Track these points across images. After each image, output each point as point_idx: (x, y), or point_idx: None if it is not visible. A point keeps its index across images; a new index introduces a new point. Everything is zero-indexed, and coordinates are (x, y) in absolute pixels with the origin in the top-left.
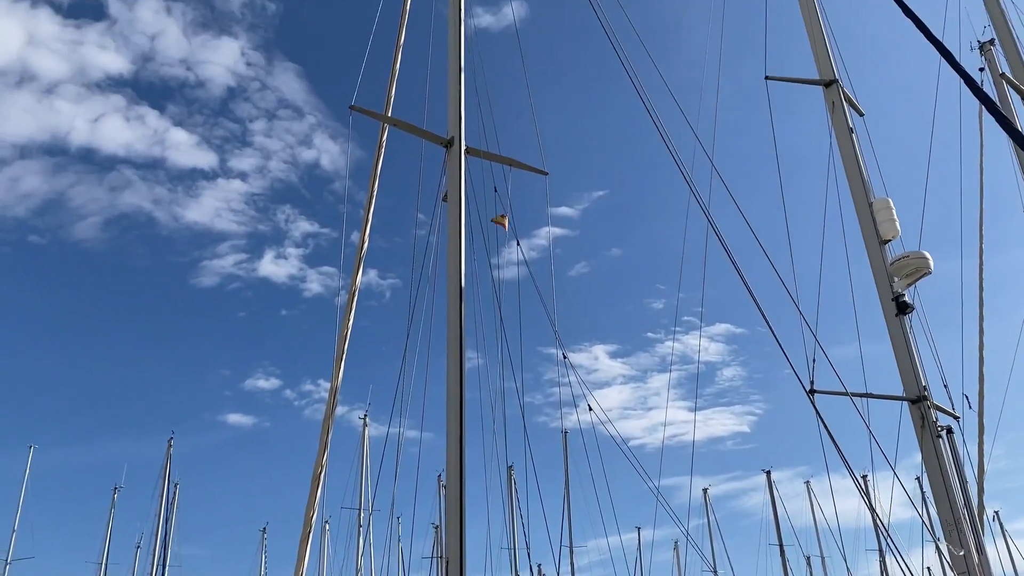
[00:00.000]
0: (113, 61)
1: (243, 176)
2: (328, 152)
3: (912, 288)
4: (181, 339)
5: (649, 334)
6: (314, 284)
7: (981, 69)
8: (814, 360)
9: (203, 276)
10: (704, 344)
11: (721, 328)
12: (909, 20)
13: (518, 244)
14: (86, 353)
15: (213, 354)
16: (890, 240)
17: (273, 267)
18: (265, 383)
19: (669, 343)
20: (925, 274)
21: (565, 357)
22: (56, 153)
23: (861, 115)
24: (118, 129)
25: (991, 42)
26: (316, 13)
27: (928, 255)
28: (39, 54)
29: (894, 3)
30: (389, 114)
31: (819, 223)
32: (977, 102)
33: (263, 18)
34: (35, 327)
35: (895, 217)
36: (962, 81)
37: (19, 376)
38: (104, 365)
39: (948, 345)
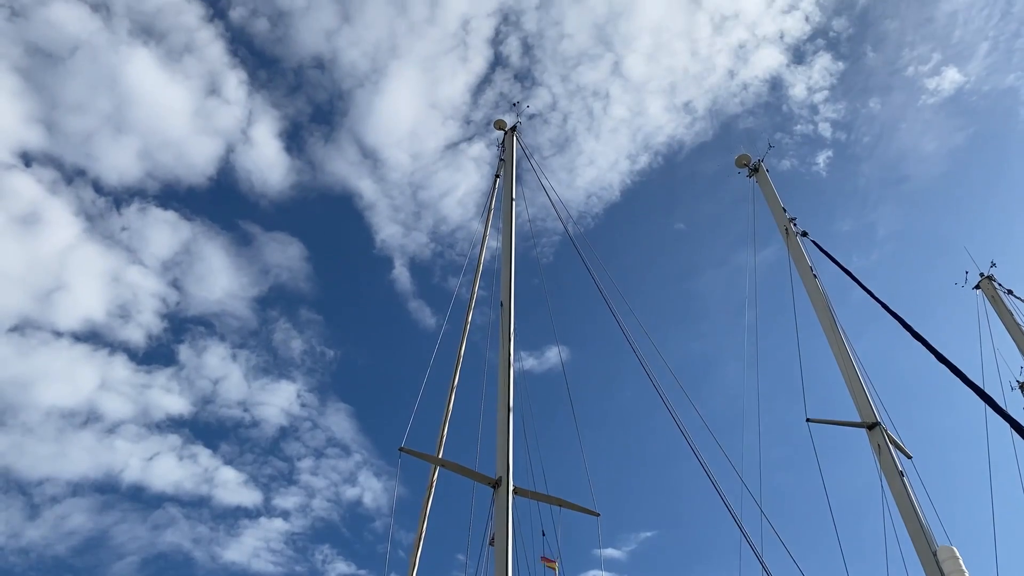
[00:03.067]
0: (175, 403)
1: (285, 515)
2: (371, 490)
3: None
4: None
5: None
6: None
7: None
8: None
9: None
10: None
11: None
12: (950, 371)
13: None
14: None
15: None
16: None
17: None
18: None
19: None
20: None
21: None
22: (107, 491)
23: (909, 457)
24: (170, 467)
25: None
26: (371, 359)
27: None
28: (108, 396)
29: (929, 351)
30: (440, 455)
31: (880, 570)
32: None
33: (321, 363)
34: None
35: (963, 568)
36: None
37: None
38: None
39: None
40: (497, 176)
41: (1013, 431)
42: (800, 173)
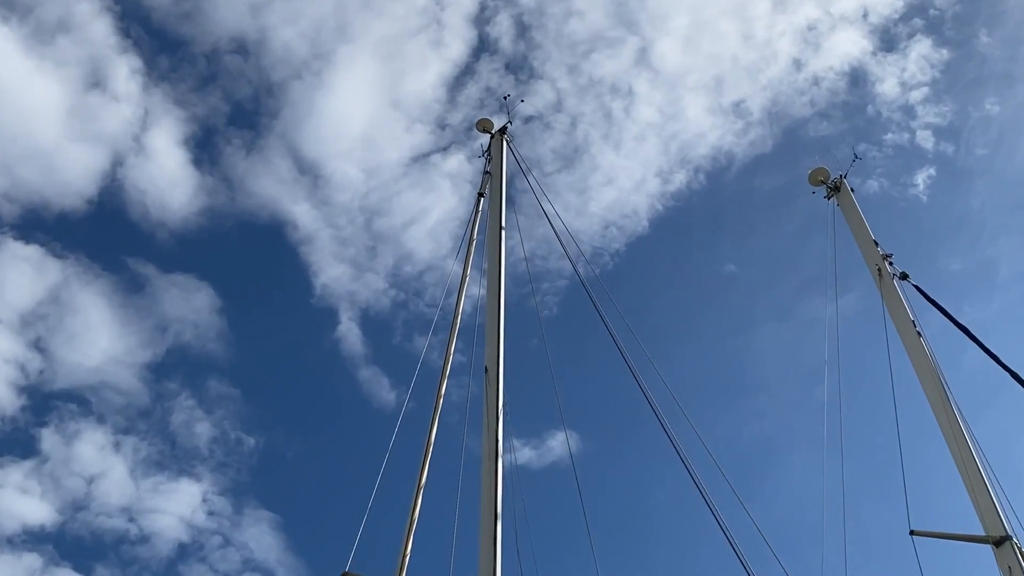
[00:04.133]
0: (35, 509)
1: None
2: None
3: None
4: None
5: None
6: None
7: None
8: None
9: None
10: None
11: None
12: None
13: None
14: None
15: None
16: None
17: None
18: None
19: None
20: None
21: None
22: None
23: None
24: None
25: None
26: (305, 448)
27: None
28: None
29: None
30: None
31: None
32: None
33: (237, 455)
34: None
35: None
36: None
37: None
38: None
39: None
40: (481, 195)
41: None
42: (892, 197)
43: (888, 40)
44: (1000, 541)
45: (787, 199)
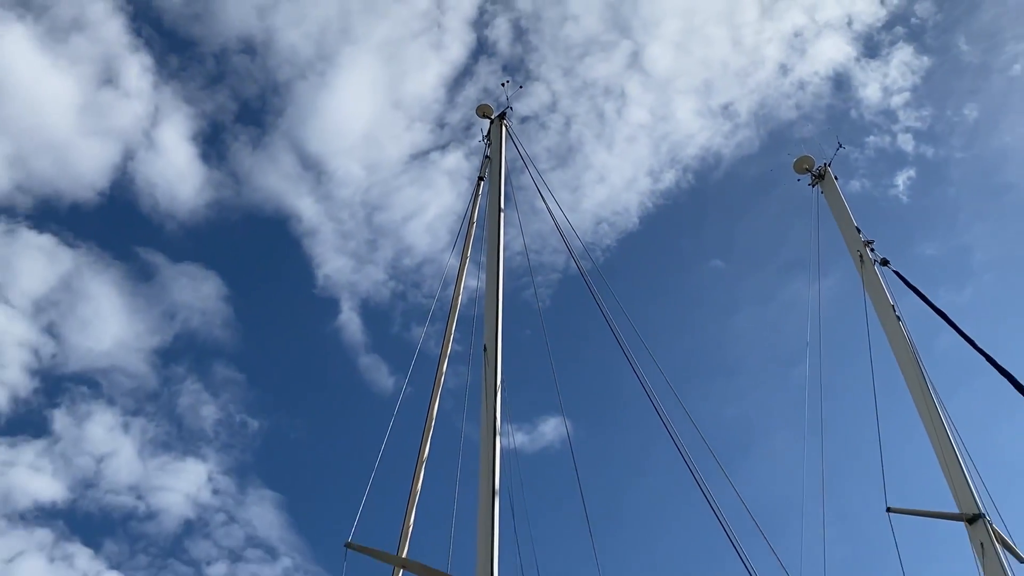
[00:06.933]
0: (47, 487)
1: None
2: None
3: None
4: None
5: None
6: None
7: None
8: None
9: None
10: None
11: None
12: None
13: None
14: None
15: None
16: None
17: None
18: None
19: None
20: None
21: None
22: None
23: (1021, 561)
24: (38, 572)
25: None
26: (307, 431)
27: None
28: None
29: None
30: (405, 554)
31: None
32: None
33: (241, 437)
34: None
35: None
36: None
37: None
38: None
39: None
40: (481, 179)
41: None
42: (873, 197)
43: (871, 47)
44: (973, 519)
45: (772, 186)
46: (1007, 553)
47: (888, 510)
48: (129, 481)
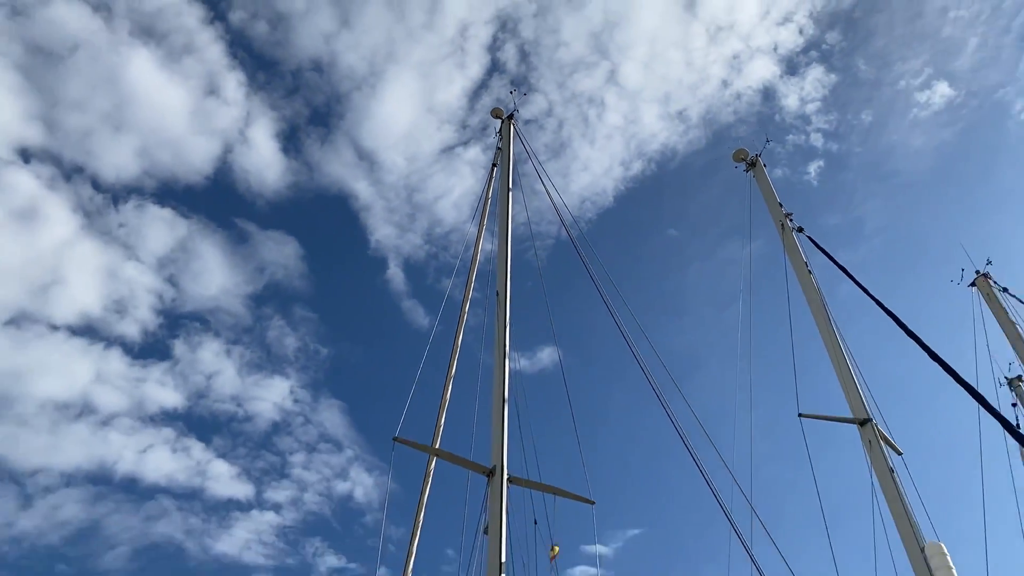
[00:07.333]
0: (170, 397)
1: (277, 508)
2: (362, 485)
3: None
4: None
5: None
6: None
7: (1014, 404)
8: None
9: None
10: None
11: None
12: (942, 369)
13: None
14: None
15: None
16: None
17: None
18: None
19: None
20: None
21: None
22: (100, 482)
23: (899, 454)
24: (164, 460)
25: (1019, 378)
26: (364, 357)
27: None
28: (102, 390)
29: (922, 349)
30: (438, 445)
31: (869, 565)
32: None
33: (314, 360)
34: None
35: (950, 564)
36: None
37: None
38: None
39: None
40: (494, 165)
41: (1004, 429)
42: (792, 182)
43: (792, 67)
44: (864, 422)
45: (715, 173)
46: (889, 449)
47: (799, 415)
48: (231, 393)
